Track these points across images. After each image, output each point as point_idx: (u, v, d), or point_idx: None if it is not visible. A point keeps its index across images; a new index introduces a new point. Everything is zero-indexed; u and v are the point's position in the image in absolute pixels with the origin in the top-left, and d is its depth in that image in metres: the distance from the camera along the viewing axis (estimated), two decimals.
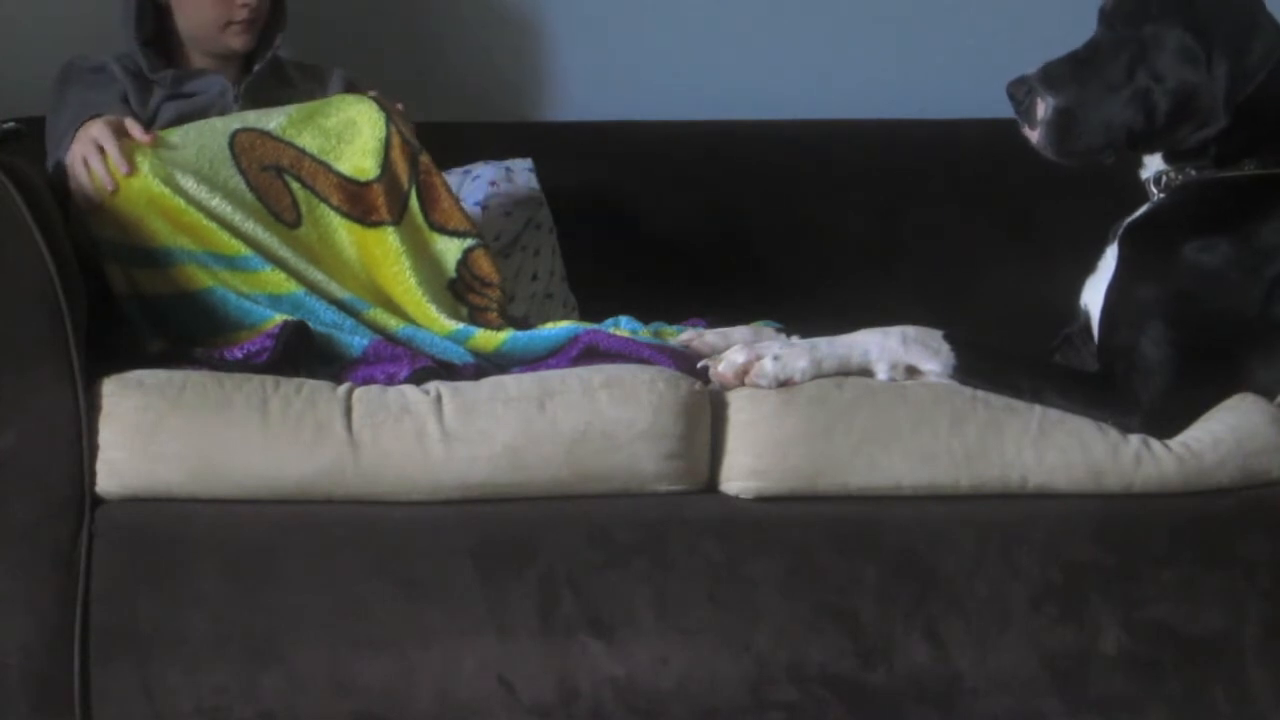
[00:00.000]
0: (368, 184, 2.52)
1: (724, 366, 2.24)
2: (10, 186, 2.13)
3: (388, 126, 2.55)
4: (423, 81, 3.27)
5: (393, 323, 2.42)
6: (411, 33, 3.31)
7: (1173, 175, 2.38)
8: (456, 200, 2.61)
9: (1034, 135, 2.36)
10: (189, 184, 2.36)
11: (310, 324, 2.33)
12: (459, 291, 2.55)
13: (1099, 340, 2.38)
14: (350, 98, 2.62)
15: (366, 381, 2.25)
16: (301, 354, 2.29)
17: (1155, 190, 2.40)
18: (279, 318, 2.31)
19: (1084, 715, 2.21)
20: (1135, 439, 2.22)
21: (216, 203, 2.37)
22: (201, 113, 2.69)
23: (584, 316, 2.87)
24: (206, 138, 2.44)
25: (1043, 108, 2.33)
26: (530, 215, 3.01)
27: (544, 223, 3.03)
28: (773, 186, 3.18)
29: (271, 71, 2.84)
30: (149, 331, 2.34)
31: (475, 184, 3.01)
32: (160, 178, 2.35)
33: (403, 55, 3.29)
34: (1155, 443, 2.22)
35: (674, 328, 2.60)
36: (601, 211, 3.13)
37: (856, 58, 3.36)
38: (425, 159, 2.59)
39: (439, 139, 3.09)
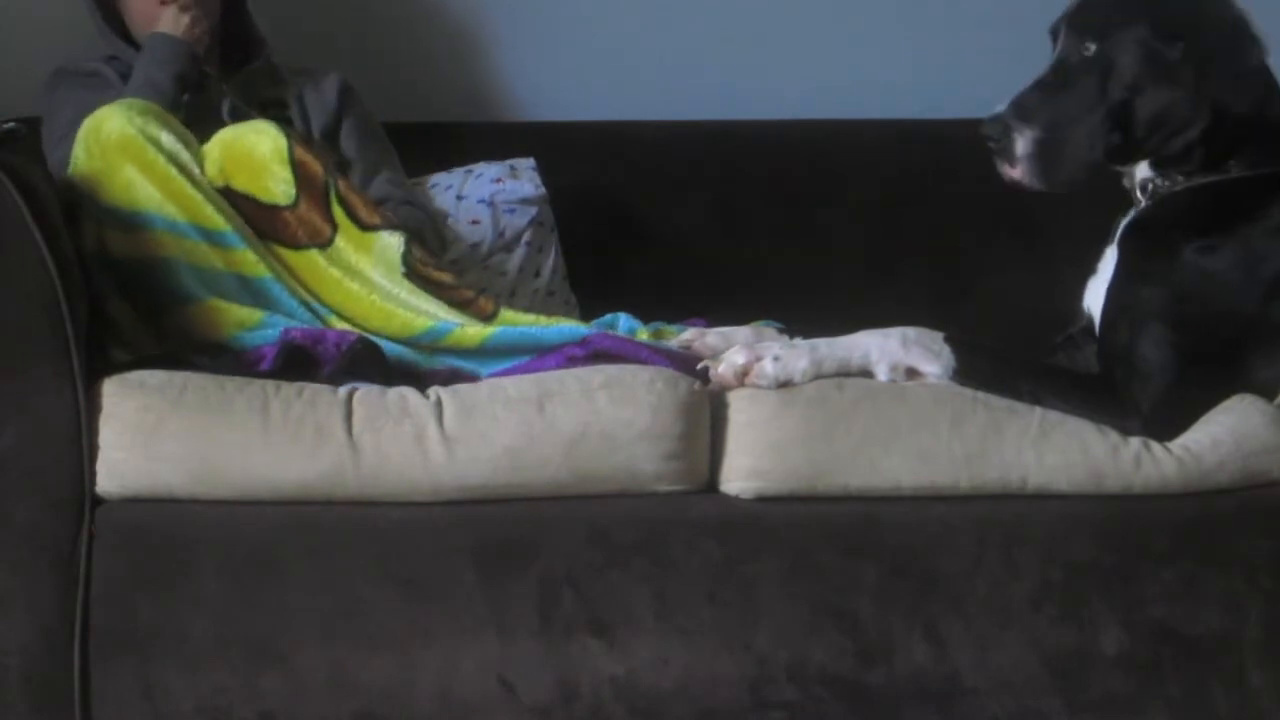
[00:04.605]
0: (293, 205, 2.45)
1: (724, 368, 2.24)
2: (10, 186, 2.13)
3: (290, 141, 2.48)
4: (424, 81, 3.28)
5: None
6: (412, 33, 3.31)
7: (1160, 182, 2.36)
8: (368, 199, 2.56)
9: (1016, 172, 2.34)
10: (183, 157, 2.37)
11: (274, 311, 2.34)
12: (417, 271, 2.48)
13: (1099, 343, 2.38)
14: (250, 125, 2.53)
15: (287, 344, 2.26)
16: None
17: (1142, 197, 2.39)
18: (257, 313, 2.32)
19: (1084, 715, 2.21)
20: (1135, 441, 2.22)
21: (198, 172, 2.37)
22: (190, 110, 2.72)
23: (585, 315, 2.87)
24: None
25: (1021, 143, 2.31)
26: (534, 213, 3.01)
27: (546, 220, 3.04)
28: (773, 186, 3.18)
29: (264, 72, 2.86)
30: (115, 295, 2.32)
31: (478, 182, 3.01)
32: (151, 141, 2.35)
33: (403, 55, 3.29)
34: (1155, 445, 2.22)
35: (674, 327, 2.61)
36: (602, 211, 3.13)
37: (857, 58, 3.36)
38: (319, 166, 2.50)
39: (439, 139, 3.10)
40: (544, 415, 2.17)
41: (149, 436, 2.13)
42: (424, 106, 3.22)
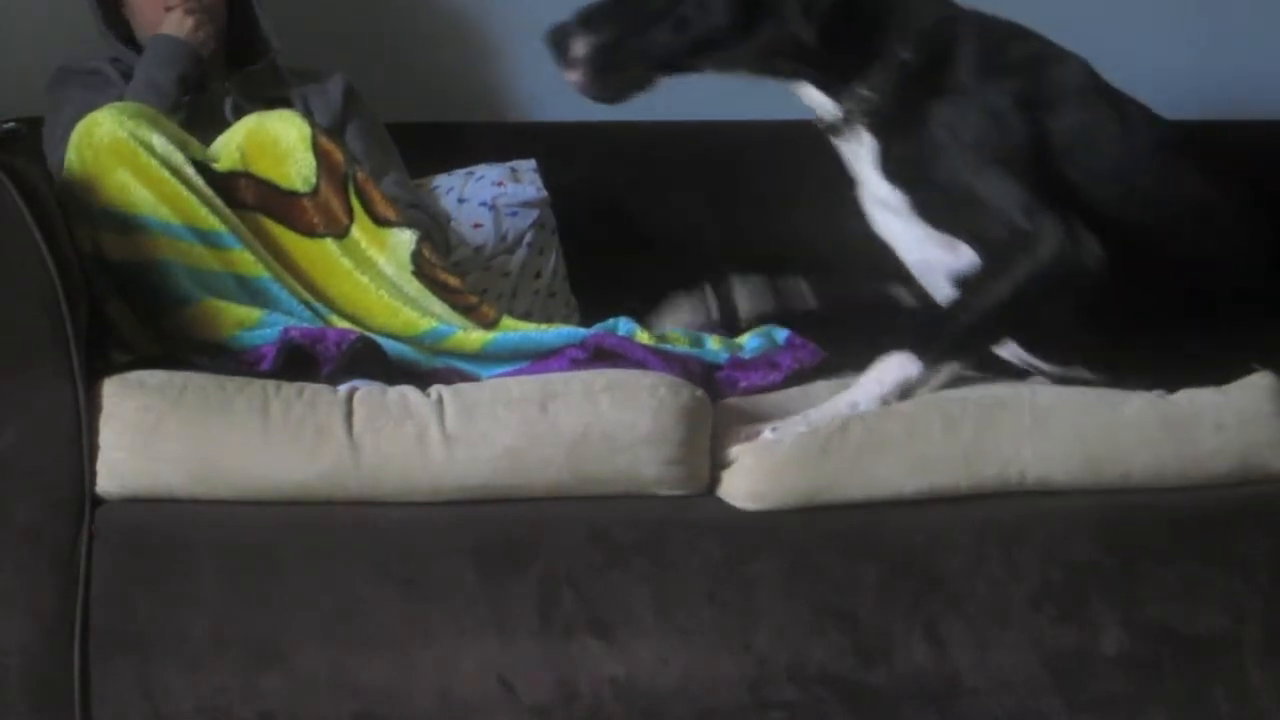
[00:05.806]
0: (312, 193, 2.48)
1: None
2: (10, 186, 2.13)
3: (314, 129, 2.51)
4: (424, 81, 3.28)
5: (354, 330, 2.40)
6: (413, 34, 3.31)
7: (849, 113, 2.46)
8: (385, 194, 2.58)
9: (574, 76, 2.38)
10: (176, 159, 2.37)
11: (273, 310, 2.34)
12: (425, 272, 2.51)
13: (969, 243, 2.41)
14: (275, 113, 2.57)
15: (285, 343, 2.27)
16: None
17: (850, 127, 2.48)
18: (256, 313, 2.32)
19: (1084, 715, 2.21)
20: (1132, 416, 2.23)
21: (191, 174, 2.37)
22: (192, 108, 2.73)
23: (585, 316, 2.87)
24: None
25: (579, 46, 2.36)
26: (536, 215, 3.02)
27: (548, 222, 3.04)
28: (773, 186, 3.18)
29: (267, 73, 2.86)
30: (114, 297, 2.33)
31: (479, 184, 3.01)
32: (143, 145, 2.35)
33: (404, 56, 3.29)
34: (1152, 420, 2.23)
35: (676, 330, 2.61)
36: (602, 211, 3.12)
37: None
38: (341, 155, 2.53)
39: (439, 139, 3.09)
40: (546, 416, 2.17)
41: (149, 436, 2.13)
42: (425, 107, 3.21)
